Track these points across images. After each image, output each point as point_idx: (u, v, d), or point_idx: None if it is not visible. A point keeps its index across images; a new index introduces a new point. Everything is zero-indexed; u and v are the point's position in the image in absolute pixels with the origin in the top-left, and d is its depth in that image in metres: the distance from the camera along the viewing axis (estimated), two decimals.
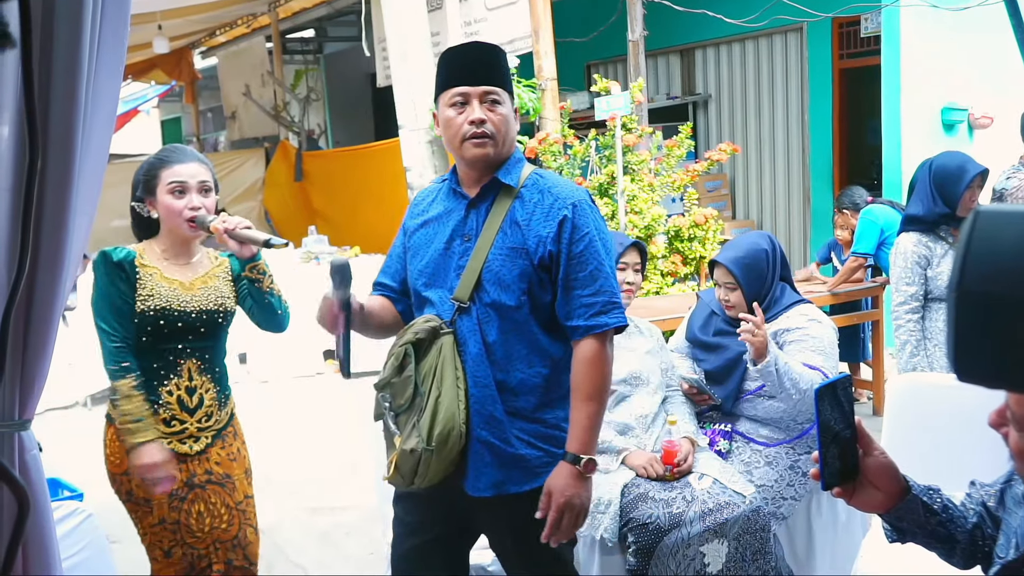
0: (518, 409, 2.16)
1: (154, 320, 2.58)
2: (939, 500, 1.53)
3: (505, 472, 2.16)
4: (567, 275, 2.12)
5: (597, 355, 2.13)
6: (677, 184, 5.35)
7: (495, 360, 2.14)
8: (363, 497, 4.33)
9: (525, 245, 2.13)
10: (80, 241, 1.14)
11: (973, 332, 0.97)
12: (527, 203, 2.16)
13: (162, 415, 2.59)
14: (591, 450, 2.12)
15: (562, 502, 2.09)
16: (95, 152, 1.12)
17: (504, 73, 2.18)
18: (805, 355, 3.02)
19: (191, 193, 2.61)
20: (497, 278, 2.13)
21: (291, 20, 11.58)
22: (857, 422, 1.44)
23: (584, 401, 2.12)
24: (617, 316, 2.14)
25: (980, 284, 0.96)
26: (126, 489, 2.62)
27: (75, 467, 4.59)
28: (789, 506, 3.03)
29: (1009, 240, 0.95)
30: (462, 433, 2.11)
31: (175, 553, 2.65)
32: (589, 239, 2.13)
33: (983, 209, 1.00)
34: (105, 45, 1.07)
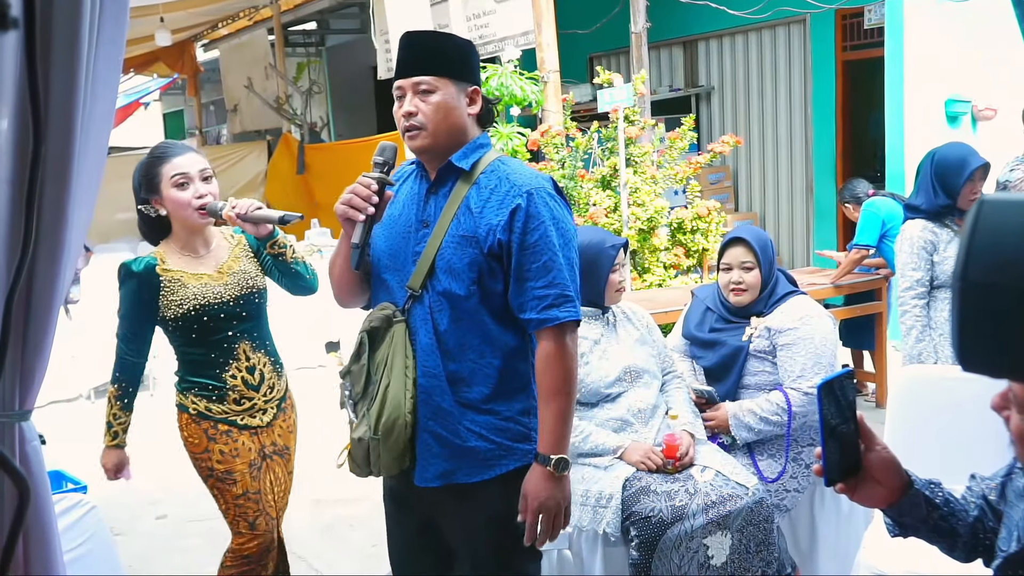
0: (470, 401, 2.12)
1: (198, 318, 2.69)
2: (940, 494, 1.52)
3: (454, 463, 2.13)
4: (519, 265, 2.07)
5: (556, 350, 2.07)
6: (680, 176, 5.34)
7: (447, 350, 2.11)
8: (367, 489, 4.31)
9: (476, 233, 2.08)
10: (80, 232, 1.14)
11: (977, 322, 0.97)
12: (483, 190, 2.11)
13: (232, 396, 2.74)
14: (561, 449, 2.07)
15: (535, 505, 2.06)
16: (94, 143, 1.11)
17: (442, 60, 2.11)
18: (796, 360, 3.02)
19: (195, 182, 2.68)
20: (449, 266, 2.09)
21: (293, 12, 11.55)
22: (859, 417, 1.44)
23: (548, 399, 2.08)
24: (569, 310, 2.07)
25: (984, 274, 0.95)
26: (208, 466, 2.75)
27: (79, 460, 4.60)
28: (792, 498, 3.03)
29: (1013, 230, 0.95)
30: (407, 423, 2.09)
31: (259, 524, 2.79)
32: (544, 229, 2.06)
33: (987, 198, 0.99)
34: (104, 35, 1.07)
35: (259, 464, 2.80)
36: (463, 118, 2.14)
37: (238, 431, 2.76)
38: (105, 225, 9.77)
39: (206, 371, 2.74)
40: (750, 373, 3.12)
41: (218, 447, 2.73)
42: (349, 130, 13.22)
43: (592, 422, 2.95)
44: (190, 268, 2.72)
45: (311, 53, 13.79)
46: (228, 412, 2.75)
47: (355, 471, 2.25)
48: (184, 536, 4.24)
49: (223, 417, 2.74)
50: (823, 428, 1.38)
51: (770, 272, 3.15)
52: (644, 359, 3.07)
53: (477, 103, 2.16)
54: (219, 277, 2.74)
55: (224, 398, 2.74)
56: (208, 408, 2.74)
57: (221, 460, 2.73)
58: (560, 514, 2.10)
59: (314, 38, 13.64)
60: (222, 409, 2.74)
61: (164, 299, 2.68)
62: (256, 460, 2.79)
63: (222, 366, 2.74)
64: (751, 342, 3.11)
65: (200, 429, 2.74)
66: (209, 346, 2.73)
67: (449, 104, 2.11)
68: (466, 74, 2.15)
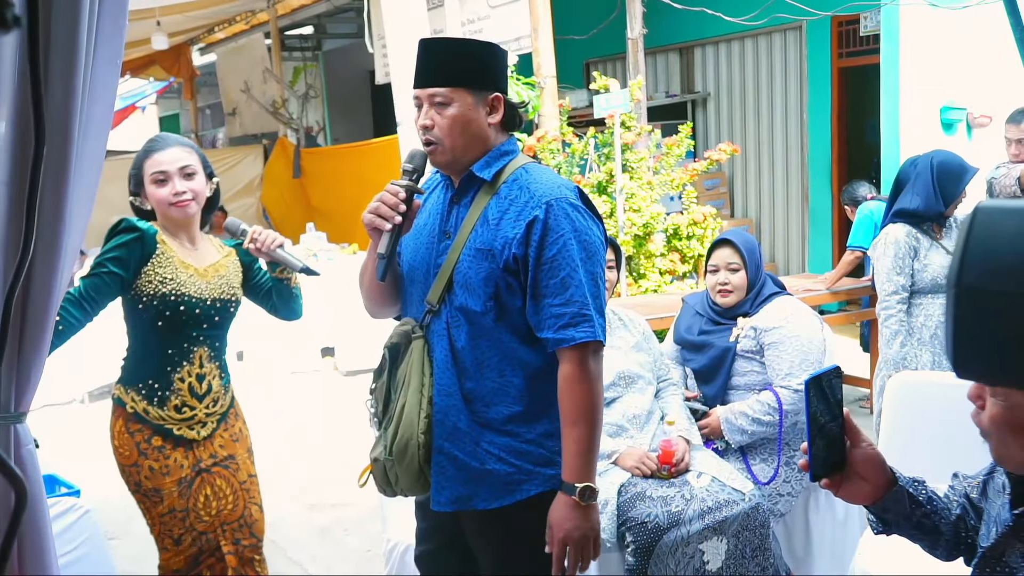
0: (488, 420, 2.02)
1: (175, 305, 2.60)
2: (924, 492, 1.54)
3: (471, 487, 2.04)
4: (536, 281, 1.96)
5: (575, 372, 1.96)
6: (676, 182, 5.35)
7: (463, 368, 2.02)
8: (362, 494, 4.30)
9: (492, 246, 1.98)
10: (77, 234, 1.14)
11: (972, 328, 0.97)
12: (503, 200, 2.01)
13: (173, 401, 2.64)
14: (586, 477, 1.96)
15: (561, 536, 1.97)
16: (92, 146, 1.11)
17: (458, 70, 2.01)
18: (783, 359, 3.04)
19: (173, 179, 2.62)
20: (465, 280, 2.00)
21: (290, 17, 11.55)
22: (845, 414, 1.45)
23: (570, 425, 1.97)
24: (586, 330, 1.95)
25: (979, 280, 0.96)
26: (135, 480, 2.65)
27: (72, 464, 4.59)
28: (786, 502, 3.03)
29: (1008, 236, 0.95)
30: (420, 444, 2.01)
31: (184, 540, 2.69)
32: (563, 243, 1.94)
33: (982, 205, 1.00)
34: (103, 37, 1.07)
35: (190, 480, 2.67)
36: (483, 129, 2.04)
37: (172, 447, 2.64)
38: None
39: (159, 367, 2.62)
40: (739, 373, 3.14)
41: (148, 463, 2.62)
42: (346, 134, 13.23)
43: None
44: (180, 255, 2.66)
45: (308, 57, 13.80)
46: (165, 419, 2.62)
47: (381, 491, 2.18)
48: None
49: (159, 424, 2.61)
50: (809, 424, 1.39)
51: (756, 273, 3.18)
52: (639, 365, 3.08)
53: (499, 110, 2.05)
54: (204, 275, 2.68)
55: (165, 402, 2.62)
56: (146, 411, 2.61)
57: (150, 477, 2.62)
58: (588, 545, 1.99)
59: (311, 42, 13.65)
60: (159, 415, 2.62)
61: (151, 269, 2.57)
62: (188, 476, 2.66)
63: (175, 366, 2.63)
64: (738, 342, 3.14)
65: (132, 441, 2.61)
66: (170, 342, 2.63)
67: (466, 117, 2.01)
68: (485, 82, 2.03)
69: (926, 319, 3.79)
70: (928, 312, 3.80)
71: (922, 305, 3.80)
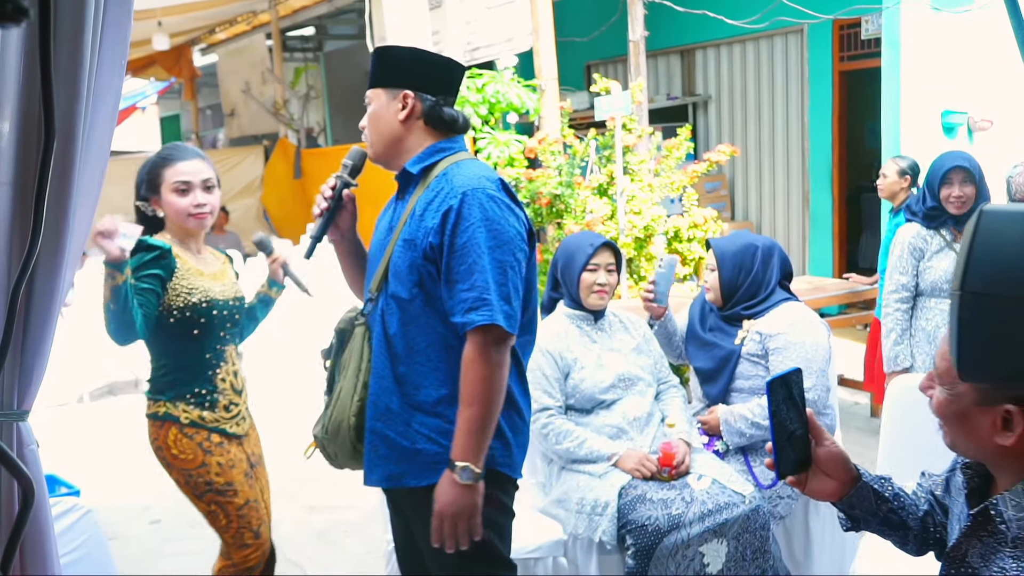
0: (419, 403, 2.10)
1: (207, 311, 2.68)
2: (890, 488, 1.59)
3: (402, 466, 2.12)
4: (448, 268, 2.04)
5: (473, 356, 2.02)
6: (676, 185, 5.35)
7: (395, 353, 2.11)
8: (361, 496, 4.31)
9: (415, 237, 2.08)
10: (81, 235, 1.14)
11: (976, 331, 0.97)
12: (430, 192, 2.11)
13: (222, 402, 2.73)
14: (471, 457, 2.01)
15: (438, 509, 2.04)
16: (96, 147, 1.11)
17: (375, 71, 2.18)
18: (787, 364, 3.03)
19: (195, 191, 2.67)
20: (396, 270, 2.12)
21: (291, 18, 11.56)
22: (808, 414, 1.50)
23: (464, 405, 2.03)
24: (484, 314, 2.00)
25: (983, 284, 0.96)
26: (205, 481, 2.67)
27: (72, 464, 4.59)
28: (786, 505, 3.03)
29: (1012, 240, 0.95)
30: (351, 426, 2.14)
31: (263, 532, 2.78)
32: (472, 231, 2.01)
33: (987, 209, 1.00)
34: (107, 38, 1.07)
35: (251, 473, 2.80)
36: (392, 125, 2.15)
37: (228, 441, 2.73)
38: None
39: (202, 373, 2.71)
40: (743, 376, 3.14)
41: (215, 460, 2.67)
42: (346, 135, 13.22)
43: (588, 428, 2.96)
44: (194, 264, 2.72)
45: (309, 58, 13.80)
46: (219, 420, 2.72)
47: (329, 462, 2.32)
48: (178, 540, 4.22)
49: (215, 426, 2.70)
50: (773, 424, 1.45)
51: (734, 275, 3.15)
52: (639, 367, 3.08)
53: (409, 107, 2.13)
54: (217, 277, 2.77)
55: (216, 404, 2.71)
56: (201, 417, 2.68)
57: (220, 472, 2.67)
58: (464, 523, 2.04)
59: (312, 43, 13.66)
60: (214, 417, 2.71)
61: (176, 284, 2.62)
62: (248, 470, 2.78)
63: (215, 368, 2.73)
64: (743, 345, 3.13)
65: (194, 443, 2.66)
66: (206, 346, 2.72)
67: (377, 114, 2.17)
68: (397, 80, 2.15)
69: (926, 322, 3.80)
70: (928, 315, 3.81)
71: (926, 308, 3.81)
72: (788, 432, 1.48)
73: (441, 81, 2.19)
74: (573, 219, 5.00)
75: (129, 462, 5.11)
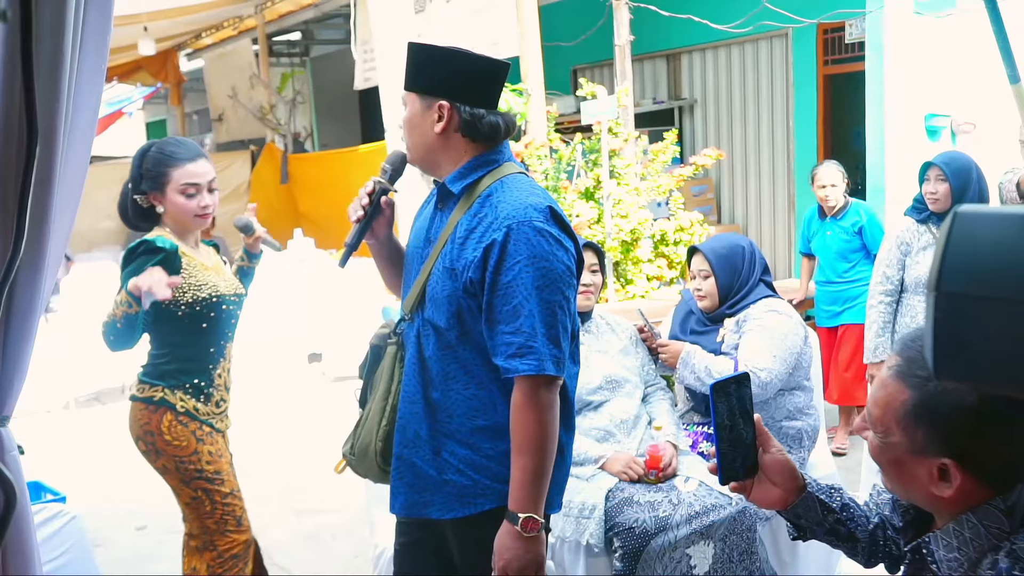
0: (451, 431, 2.00)
1: (217, 306, 2.72)
2: (839, 499, 1.57)
3: (427, 496, 2.03)
4: (490, 306, 1.91)
5: (522, 402, 1.91)
6: (663, 188, 5.37)
7: (430, 378, 2.00)
8: (349, 499, 4.32)
9: (455, 266, 1.95)
10: (62, 239, 1.13)
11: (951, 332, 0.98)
12: (472, 217, 1.97)
13: (215, 397, 2.78)
14: (530, 507, 1.91)
15: (501, 564, 1.94)
16: (77, 152, 1.11)
17: (410, 72, 2.02)
18: (751, 345, 3.07)
19: (203, 193, 2.70)
20: (434, 294, 1.99)
21: (278, 23, 11.53)
22: (756, 419, 1.48)
23: (516, 454, 1.92)
24: (530, 363, 1.88)
25: (958, 285, 0.97)
26: (196, 468, 2.73)
27: (58, 471, 4.57)
28: None
29: (986, 241, 0.97)
30: (377, 451, 2.06)
31: (245, 521, 2.83)
32: (519, 269, 1.88)
33: (961, 210, 1.01)
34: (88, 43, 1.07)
35: (233, 466, 2.87)
36: (428, 135, 2.01)
37: (216, 434, 2.80)
38: (89, 234, 9.72)
39: (203, 367, 2.75)
40: None
41: (206, 447, 2.74)
42: (333, 140, 13.21)
43: (575, 431, 2.96)
44: (198, 259, 2.76)
45: (296, 63, 13.78)
46: (210, 414, 2.78)
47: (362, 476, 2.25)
48: (163, 546, 4.20)
49: (206, 419, 2.76)
50: (716, 427, 1.42)
51: (730, 278, 3.18)
52: (626, 369, 3.09)
53: (445, 119, 1.99)
54: (218, 271, 2.81)
55: (210, 398, 2.77)
56: (196, 408, 2.74)
57: (211, 460, 2.75)
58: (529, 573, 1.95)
59: (299, 48, 13.63)
60: (207, 411, 2.77)
61: (186, 281, 2.64)
62: (231, 461, 2.86)
63: (216, 363, 2.78)
64: (723, 342, 3.16)
65: (188, 431, 2.72)
66: (211, 340, 2.75)
67: (412, 121, 2.03)
68: (432, 88, 1.99)
69: (911, 319, 3.85)
70: (912, 313, 3.85)
71: (909, 304, 3.87)
72: (732, 436, 1.44)
73: (481, 89, 2.01)
74: None
75: (115, 469, 5.09)
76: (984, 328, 0.97)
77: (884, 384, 1.30)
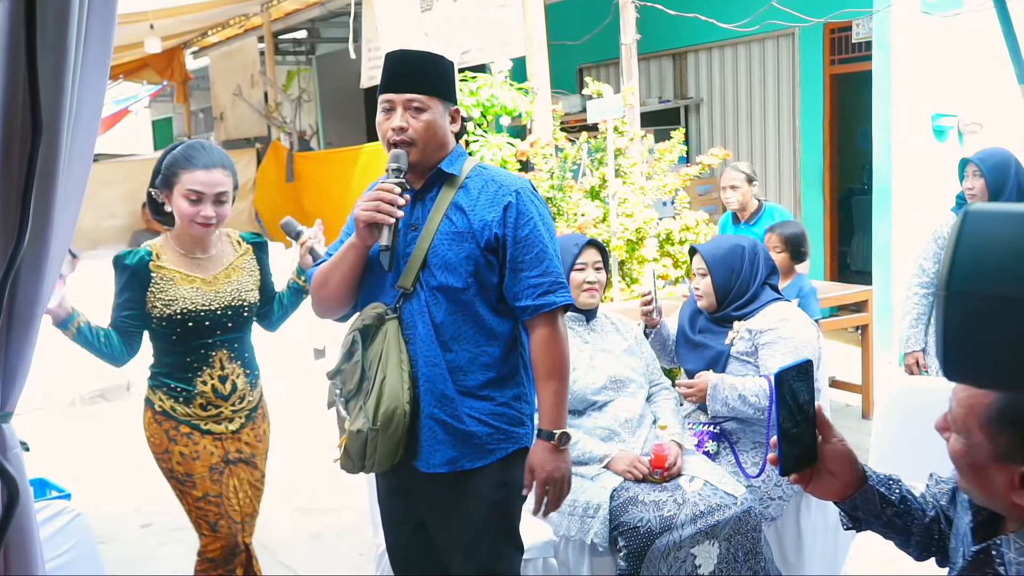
0: (468, 388, 2.23)
1: (182, 322, 2.69)
2: (897, 491, 1.53)
3: (459, 449, 2.23)
4: (514, 258, 2.22)
5: (550, 334, 2.22)
6: (669, 188, 5.36)
7: (444, 340, 2.22)
8: (353, 498, 4.31)
9: (471, 229, 2.22)
10: (65, 235, 1.13)
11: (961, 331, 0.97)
12: (471, 191, 2.26)
13: (198, 401, 2.74)
14: (562, 424, 2.22)
15: (544, 477, 2.20)
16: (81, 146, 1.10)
17: (434, 81, 2.26)
18: (776, 358, 3.04)
19: (206, 203, 2.67)
20: (444, 261, 2.21)
21: (284, 21, 11.53)
22: (817, 408, 1.43)
23: (546, 380, 2.22)
24: (563, 295, 2.24)
25: (968, 284, 0.96)
26: (169, 467, 2.77)
27: (64, 468, 4.57)
28: (777, 506, 3.03)
29: (997, 240, 0.95)
30: (406, 412, 2.18)
31: (221, 528, 2.79)
32: (533, 224, 2.23)
33: (971, 209, 1.00)
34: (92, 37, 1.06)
35: (221, 468, 2.80)
36: (446, 135, 2.29)
37: (200, 434, 2.77)
38: (95, 231, 9.73)
39: (178, 373, 2.74)
40: (732, 376, 3.14)
41: (178, 448, 2.74)
42: (339, 139, 13.20)
43: (580, 430, 2.96)
44: (185, 269, 2.73)
45: (301, 62, 13.78)
46: (191, 416, 2.75)
47: (347, 468, 2.27)
48: (168, 543, 4.21)
49: (186, 419, 2.75)
50: (779, 418, 1.38)
51: (726, 278, 3.17)
52: (631, 369, 3.09)
53: (457, 121, 2.33)
54: (212, 284, 2.74)
55: (191, 401, 2.74)
56: (173, 408, 2.74)
57: (181, 462, 2.74)
58: (564, 485, 2.23)
59: (304, 47, 13.64)
60: (186, 412, 2.75)
61: (152, 296, 2.67)
62: (218, 464, 2.79)
63: (195, 371, 2.74)
64: (733, 345, 3.15)
65: (161, 430, 2.74)
66: (187, 351, 2.73)
67: (437, 122, 2.26)
68: (451, 95, 2.32)
69: None
70: None
71: None
72: (794, 426, 1.40)
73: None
74: (565, 222, 5.00)
75: (120, 466, 5.10)
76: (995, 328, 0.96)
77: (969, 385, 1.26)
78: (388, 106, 2.26)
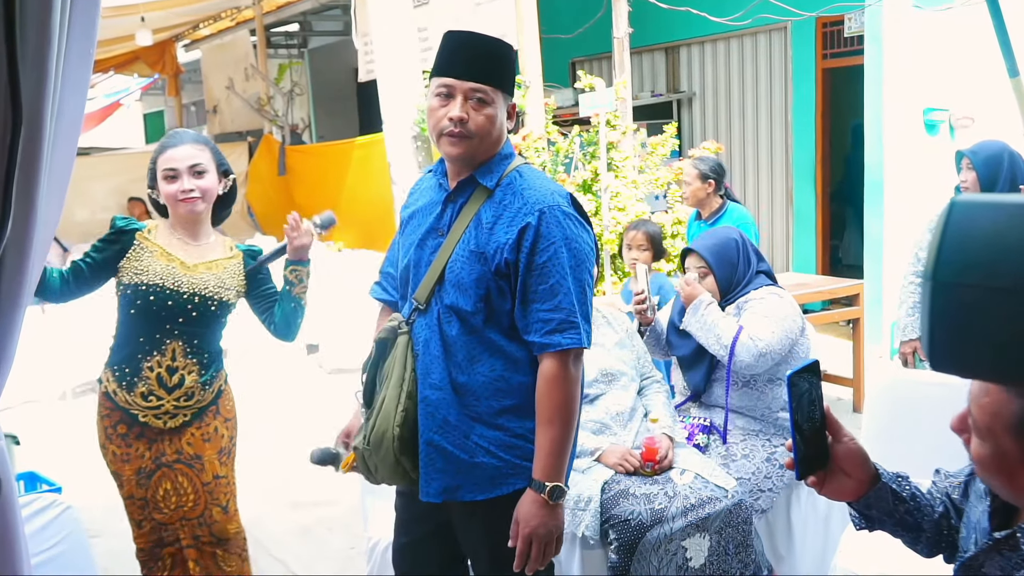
0: (479, 414, 2.05)
1: (144, 295, 2.66)
2: (908, 488, 1.52)
3: (460, 478, 2.06)
4: (525, 286, 1.99)
5: (555, 375, 1.99)
6: (661, 181, 5.36)
7: (456, 362, 2.04)
8: (345, 492, 4.31)
9: (485, 250, 2.01)
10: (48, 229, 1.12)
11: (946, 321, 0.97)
12: (497, 204, 2.03)
13: (140, 388, 2.70)
14: (556, 477, 1.99)
15: (527, 532, 1.99)
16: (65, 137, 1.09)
17: (502, 73, 2.04)
18: (753, 321, 3.05)
19: (183, 177, 2.68)
20: (457, 280, 2.03)
21: (276, 14, 11.50)
22: (826, 408, 1.42)
23: (544, 424, 2.00)
24: (572, 337, 1.99)
25: (953, 274, 0.96)
26: (105, 461, 2.81)
27: (55, 461, 4.56)
28: (768, 498, 3.04)
29: (982, 230, 0.96)
30: (394, 436, 2.04)
31: (144, 526, 2.84)
32: (554, 250, 1.98)
33: (957, 200, 1.00)
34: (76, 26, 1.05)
35: (149, 472, 2.77)
36: (503, 132, 2.08)
37: (135, 437, 2.74)
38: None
39: (130, 353, 2.71)
40: (723, 363, 3.14)
41: (112, 447, 2.76)
42: (331, 132, 13.18)
43: None
44: (169, 248, 2.73)
45: (293, 55, 13.75)
46: (131, 404, 2.71)
47: (366, 478, 2.21)
48: None
49: (125, 408, 2.71)
50: (793, 420, 1.36)
51: (731, 272, 3.19)
52: (622, 362, 3.09)
53: (513, 117, 2.11)
54: (190, 270, 2.73)
55: (133, 388, 2.70)
56: (115, 391, 2.72)
57: (112, 461, 2.78)
58: (552, 543, 2.02)
59: (296, 40, 13.60)
60: (126, 399, 2.71)
61: (127, 261, 2.68)
62: (147, 467, 2.76)
63: (145, 354, 2.70)
64: None
65: (103, 425, 2.77)
66: (142, 329, 2.70)
67: (500, 119, 2.05)
68: (511, 88, 2.10)
69: None
70: None
71: None
72: (807, 428, 1.38)
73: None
74: None
75: None
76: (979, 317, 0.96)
77: (987, 389, 1.23)
78: (446, 91, 2.01)
